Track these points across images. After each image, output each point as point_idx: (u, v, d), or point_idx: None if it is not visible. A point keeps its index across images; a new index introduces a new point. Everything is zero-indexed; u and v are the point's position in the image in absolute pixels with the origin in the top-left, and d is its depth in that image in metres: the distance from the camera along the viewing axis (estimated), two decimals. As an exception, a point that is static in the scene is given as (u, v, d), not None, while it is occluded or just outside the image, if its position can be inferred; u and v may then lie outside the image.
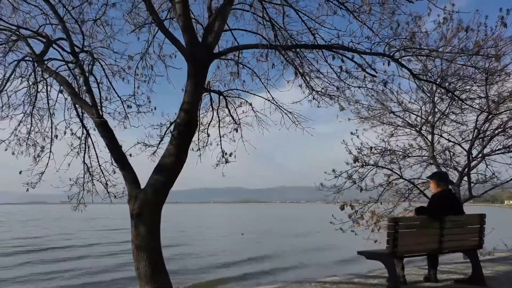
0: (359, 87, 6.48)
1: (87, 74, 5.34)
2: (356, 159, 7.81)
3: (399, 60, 5.55)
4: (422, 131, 8.65)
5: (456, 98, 6.09)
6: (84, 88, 5.19)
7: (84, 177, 7.61)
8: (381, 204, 9.10)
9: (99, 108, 7.25)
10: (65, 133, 7.53)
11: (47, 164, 7.17)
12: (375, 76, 5.38)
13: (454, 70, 6.51)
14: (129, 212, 4.90)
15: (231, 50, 5.74)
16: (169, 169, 4.86)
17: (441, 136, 8.34)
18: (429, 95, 8.76)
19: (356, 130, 9.17)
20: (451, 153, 9.36)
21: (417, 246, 3.79)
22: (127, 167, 5.07)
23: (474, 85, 6.75)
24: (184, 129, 4.92)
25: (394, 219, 3.56)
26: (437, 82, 5.94)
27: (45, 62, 5.73)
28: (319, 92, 7.35)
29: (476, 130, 7.73)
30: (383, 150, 8.27)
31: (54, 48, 6.46)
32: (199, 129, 7.90)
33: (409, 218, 4.01)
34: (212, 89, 6.88)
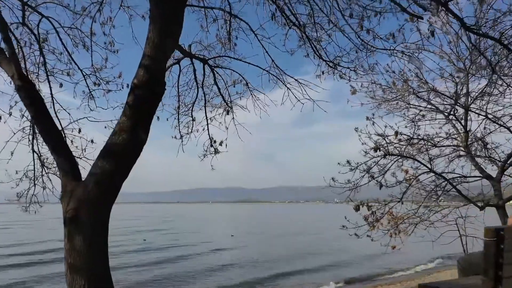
0: (387, 50, 4.96)
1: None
2: (377, 148, 6.24)
3: (447, 4, 4.00)
4: (455, 115, 7.09)
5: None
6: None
7: (34, 169, 6.07)
8: (402, 203, 7.53)
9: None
10: (10, 114, 6.00)
11: (-18, 152, 5.63)
12: (421, 18, 3.81)
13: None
14: (62, 215, 3.35)
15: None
16: (120, 151, 3.30)
17: (486, 117, 6.75)
18: (461, 72, 7.22)
19: (373, 114, 7.63)
20: (484, 142, 7.80)
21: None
22: (60, 150, 3.50)
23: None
24: (144, 93, 3.36)
25: (496, 232, 1.98)
26: (497, 38, 4.37)
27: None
28: (330, 64, 5.83)
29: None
30: (410, 137, 6.70)
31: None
32: (178, 110, 6.36)
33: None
34: (194, 54, 5.30)
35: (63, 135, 3.59)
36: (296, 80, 5.15)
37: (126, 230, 39.34)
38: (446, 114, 7.62)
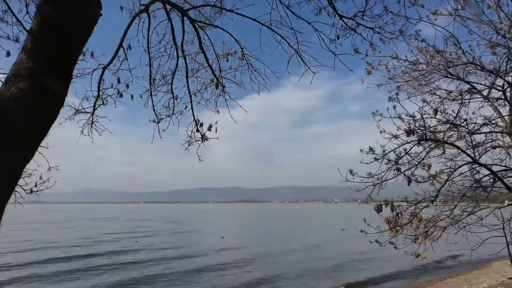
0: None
1: None
2: (410, 131, 4.84)
3: None
4: (505, 92, 5.70)
5: None
6: None
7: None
8: (433, 203, 6.15)
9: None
10: None
11: None
12: None
13: None
14: None
15: None
16: (14, 112, 1.90)
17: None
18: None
19: (397, 94, 6.26)
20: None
21: None
22: None
23: None
24: (60, 12, 1.96)
25: None
26: None
27: None
28: (349, 23, 4.46)
29: None
30: (453, 118, 5.29)
31: None
32: (151, 82, 4.94)
33: None
34: (168, -1, 3.88)
35: None
36: (309, 24, 3.71)
37: (122, 233, 37.83)
38: (486, 93, 6.25)
